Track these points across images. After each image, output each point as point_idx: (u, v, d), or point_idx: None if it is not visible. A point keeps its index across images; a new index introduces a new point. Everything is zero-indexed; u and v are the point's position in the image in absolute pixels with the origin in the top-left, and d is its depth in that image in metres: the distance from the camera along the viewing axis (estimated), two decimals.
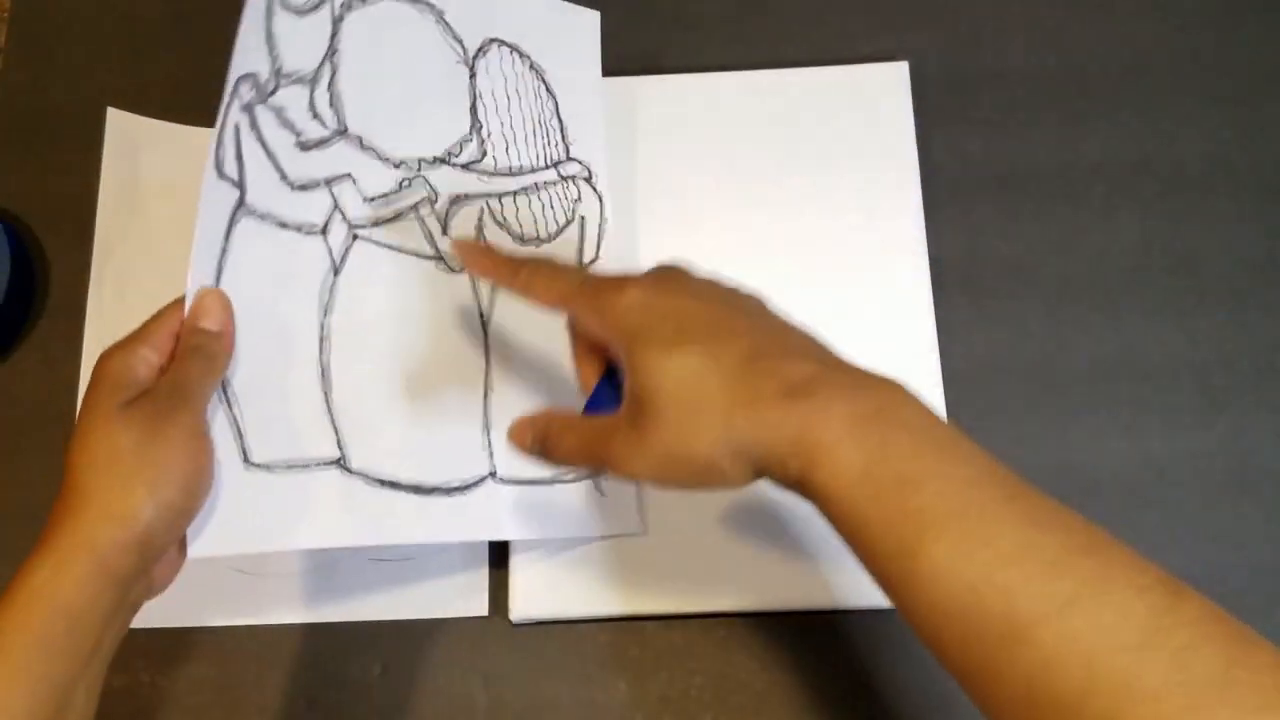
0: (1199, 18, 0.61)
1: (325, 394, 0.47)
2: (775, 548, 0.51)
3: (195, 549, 0.42)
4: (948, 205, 0.57)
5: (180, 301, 0.43)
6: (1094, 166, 0.58)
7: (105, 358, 0.41)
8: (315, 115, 0.48)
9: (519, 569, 0.52)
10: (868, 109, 0.58)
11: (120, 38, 0.62)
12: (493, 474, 0.49)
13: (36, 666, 0.36)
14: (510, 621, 0.51)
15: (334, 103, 0.48)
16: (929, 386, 0.54)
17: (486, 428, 0.50)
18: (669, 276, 0.39)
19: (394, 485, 0.47)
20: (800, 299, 0.55)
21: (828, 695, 0.51)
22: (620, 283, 0.38)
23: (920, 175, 0.57)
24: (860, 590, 0.50)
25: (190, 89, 0.59)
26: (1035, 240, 0.57)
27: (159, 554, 0.40)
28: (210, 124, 0.60)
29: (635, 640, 0.52)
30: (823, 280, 0.55)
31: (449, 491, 0.48)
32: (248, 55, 0.46)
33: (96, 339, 0.56)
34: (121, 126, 0.58)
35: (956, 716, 0.43)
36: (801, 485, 0.33)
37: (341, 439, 0.46)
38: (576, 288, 0.39)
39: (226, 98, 0.45)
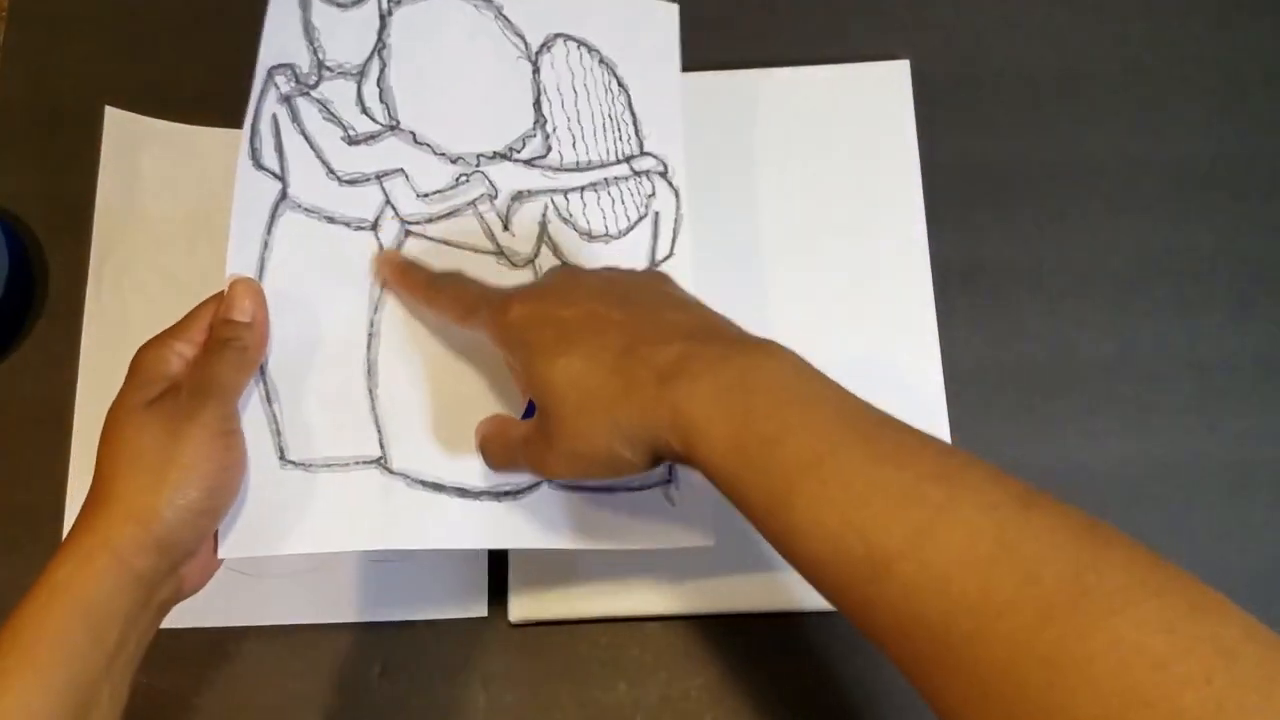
0: (1198, 18, 0.61)
1: (370, 390, 0.45)
2: None
3: (225, 549, 0.41)
4: (949, 205, 0.57)
5: (220, 296, 0.42)
6: (1094, 166, 0.58)
7: (139, 351, 0.41)
8: (364, 110, 0.46)
9: (518, 570, 0.52)
10: (868, 109, 0.58)
11: (119, 37, 0.61)
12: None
13: (54, 663, 0.35)
14: (510, 622, 0.51)
15: (384, 97, 0.47)
16: (930, 386, 0.54)
17: None
18: (552, 283, 0.40)
19: (437, 487, 0.44)
20: (801, 299, 0.55)
21: (828, 695, 0.51)
22: (507, 299, 0.39)
23: (921, 175, 0.57)
24: None
25: (189, 88, 0.59)
26: (1035, 240, 0.57)
27: (183, 554, 0.39)
28: (209, 123, 0.59)
29: (635, 640, 0.52)
30: (824, 281, 0.55)
31: (499, 496, 0.44)
32: (283, 45, 0.45)
33: (95, 338, 0.55)
34: (120, 126, 0.58)
35: None
36: (688, 460, 0.35)
37: (384, 437, 0.44)
38: (473, 306, 0.41)
39: (258, 86, 0.44)
